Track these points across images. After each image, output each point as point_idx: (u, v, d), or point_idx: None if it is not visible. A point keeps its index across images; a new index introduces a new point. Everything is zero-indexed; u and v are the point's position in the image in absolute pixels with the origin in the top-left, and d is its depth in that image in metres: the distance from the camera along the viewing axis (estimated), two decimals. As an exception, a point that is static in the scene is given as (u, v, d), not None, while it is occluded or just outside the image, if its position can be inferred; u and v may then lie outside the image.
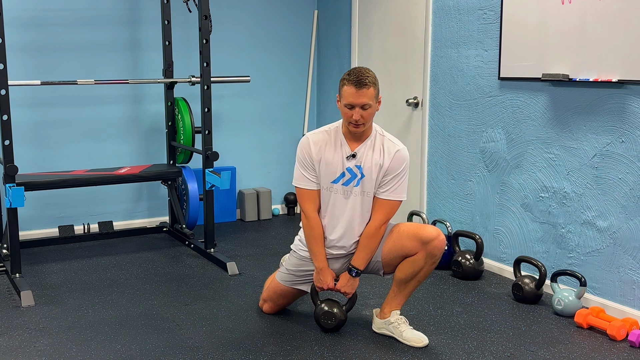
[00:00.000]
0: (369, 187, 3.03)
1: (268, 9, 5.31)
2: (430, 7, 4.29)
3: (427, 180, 4.47)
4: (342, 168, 3.03)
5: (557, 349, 2.98)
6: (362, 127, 2.95)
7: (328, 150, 3.03)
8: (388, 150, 3.03)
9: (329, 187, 3.05)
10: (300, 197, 3.11)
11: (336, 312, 3.09)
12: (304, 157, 3.06)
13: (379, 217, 3.02)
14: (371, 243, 3.03)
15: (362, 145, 3.03)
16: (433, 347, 2.99)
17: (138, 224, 5.01)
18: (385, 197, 3.02)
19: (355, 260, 3.05)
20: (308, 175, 3.07)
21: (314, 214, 3.07)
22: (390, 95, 4.79)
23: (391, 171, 3.01)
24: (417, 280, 3.03)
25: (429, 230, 2.96)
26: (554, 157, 3.60)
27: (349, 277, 3.06)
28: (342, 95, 2.94)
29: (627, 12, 3.15)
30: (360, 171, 3.01)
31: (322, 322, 3.11)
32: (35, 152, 4.60)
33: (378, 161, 3.01)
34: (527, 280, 3.53)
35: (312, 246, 3.08)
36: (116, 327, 3.20)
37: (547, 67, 3.56)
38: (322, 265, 3.07)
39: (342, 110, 2.96)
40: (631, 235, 3.26)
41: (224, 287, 3.79)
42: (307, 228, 3.08)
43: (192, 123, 4.56)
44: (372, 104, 2.93)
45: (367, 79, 2.89)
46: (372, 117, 2.98)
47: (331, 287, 3.10)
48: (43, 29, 4.55)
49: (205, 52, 4.15)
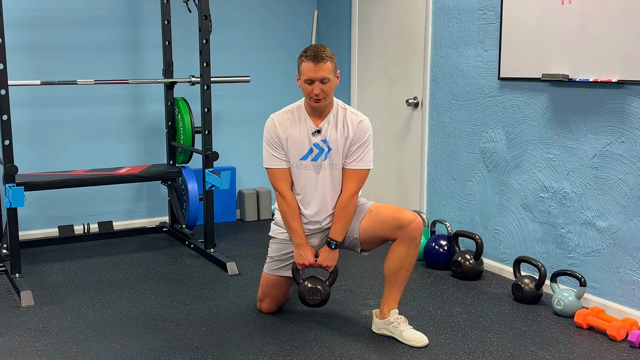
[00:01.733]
0: (336, 159, 3.13)
1: (268, 9, 5.31)
2: (430, 7, 4.29)
3: (427, 180, 4.47)
4: (309, 144, 3.12)
5: (557, 349, 2.98)
6: (323, 101, 3.05)
7: (293, 129, 3.13)
8: (351, 121, 3.12)
9: (298, 165, 3.14)
10: (272, 177, 3.19)
11: (320, 288, 3.12)
12: (271, 137, 3.15)
13: (350, 186, 3.12)
14: (345, 214, 3.11)
15: (325, 120, 3.12)
16: (433, 347, 2.99)
17: (138, 224, 5.01)
18: (354, 167, 3.13)
19: (333, 232, 3.13)
20: (277, 155, 3.15)
21: (287, 191, 3.16)
22: (390, 95, 4.79)
23: (356, 141, 3.11)
24: (406, 270, 3.05)
25: (406, 214, 3.03)
26: (553, 157, 3.61)
27: (329, 250, 3.14)
28: (301, 72, 3.04)
29: (627, 12, 3.15)
30: (327, 145, 3.11)
31: (307, 299, 3.13)
32: (35, 152, 4.60)
33: (343, 133, 3.11)
34: (527, 280, 3.53)
35: (289, 223, 3.15)
36: (116, 327, 3.21)
37: (547, 67, 3.56)
38: (301, 241, 3.14)
39: (302, 87, 3.06)
40: (631, 236, 3.26)
41: (224, 287, 3.79)
42: (283, 206, 3.16)
43: (192, 123, 4.56)
44: (331, 78, 3.02)
45: (324, 53, 2.99)
46: (332, 91, 3.07)
47: (312, 263, 3.15)
48: (43, 29, 4.56)
49: (205, 52, 4.15)
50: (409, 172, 4.66)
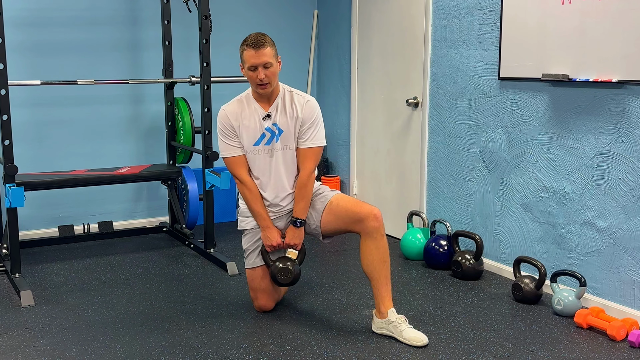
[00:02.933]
0: (289, 140, 3.25)
1: (268, 8, 5.31)
2: (430, 7, 4.29)
3: (427, 180, 4.47)
4: (261, 129, 3.24)
5: (557, 349, 2.98)
6: (269, 87, 3.17)
7: (244, 117, 3.25)
8: (299, 102, 3.26)
9: (252, 150, 3.26)
10: (230, 165, 3.31)
11: (290, 267, 3.21)
12: (224, 127, 3.27)
13: (307, 165, 3.26)
14: (306, 191, 3.24)
15: (274, 105, 3.25)
16: (433, 347, 2.99)
17: (138, 224, 5.01)
18: (307, 145, 3.26)
19: (296, 211, 3.25)
20: (232, 143, 3.27)
21: (247, 177, 3.29)
22: (390, 95, 4.79)
23: (306, 120, 3.24)
24: (382, 261, 3.09)
25: (364, 207, 3.13)
26: (553, 157, 3.61)
27: (294, 228, 3.25)
28: (244, 61, 3.16)
29: (627, 12, 3.15)
30: (278, 128, 3.24)
31: (279, 279, 3.21)
32: (35, 152, 4.60)
33: (292, 115, 3.24)
34: (527, 280, 3.53)
35: (253, 208, 3.27)
36: (116, 327, 3.21)
37: (547, 67, 3.56)
38: (266, 223, 3.26)
39: (247, 76, 3.18)
40: (631, 236, 3.26)
41: (224, 287, 3.79)
42: (245, 191, 3.28)
43: (192, 123, 4.56)
44: (273, 62, 3.14)
45: (264, 39, 3.13)
46: (276, 76, 3.19)
47: (279, 243, 3.26)
48: (43, 29, 4.56)
49: (205, 52, 4.15)
50: (409, 172, 4.66)
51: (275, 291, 3.41)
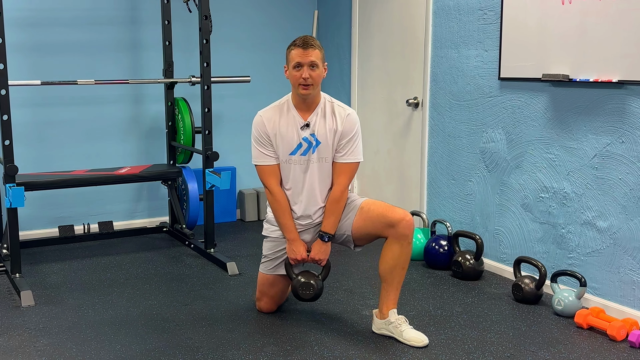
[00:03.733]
0: (325, 153, 3.14)
1: (268, 9, 5.31)
2: (431, 8, 4.29)
3: (427, 180, 4.47)
4: (298, 139, 3.12)
5: (557, 350, 2.98)
6: (312, 88, 3.05)
7: (282, 124, 3.14)
8: (339, 115, 3.13)
9: (288, 160, 3.15)
10: (261, 174, 3.21)
11: (313, 282, 3.14)
12: (259, 134, 3.16)
13: (342, 180, 3.14)
14: (338, 207, 3.13)
15: (313, 114, 3.13)
16: (433, 347, 2.99)
17: (138, 224, 5.01)
18: (344, 160, 3.14)
19: (325, 225, 3.14)
20: (266, 152, 3.17)
21: (277, 188, 3.18)
22: (390, 95, 4.79)
23: (345, 135, 3.12)
24: (401, 267, 3.05)
25: (396, 212, 3.04)
26: (554, 157, 3.60)
27: (321, 243, 3.15)
28: (289, 60, 3.09)
29: (627, 12, 3.15)
30: (315, 139, 3.12)
31: (300, 294, 3.15)
32: (35, 152, 4.60)
33: (332, 127, 3.12)
34: (527, 280, 3.53)
35: (281, 219, 3.17)
36: (116, 327, 3.21)
37: (547, 67, 3.56)
38: (293, 236, 3.16)
39: (291, 75, 3.09)
40: (631, 236, 3.26)
41: (224, 287, 3.79)
42: (274, 203, 3.18)
43: (192, 123, 4.56)
44: (320, 65, 3.06)
45: (313, 41, 3.07)
46: (320, 80, 3.09)
47: (304, 257, 3.16)
48: (43, 29, 4.56)
49: (205, 52, 4.15)
50: (409, 172, 4.66)
51: (280, 297, 3.39)
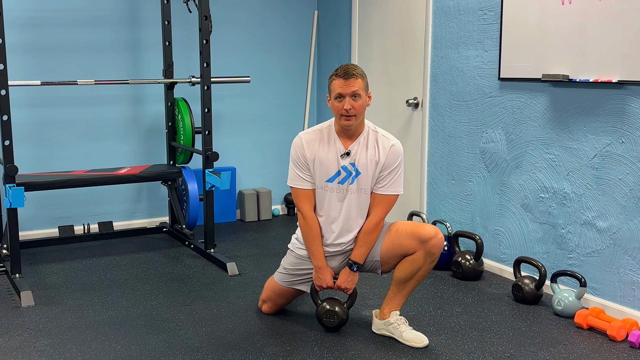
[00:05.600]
0: (365, 184, 3.04)
1: (268, 9, 5.31)
2: (430, 8, 4.29)
3: (427, 180, 4.47)
4: (337, 167, 3.04)
5: (557, 350, 2.98)
6: (354, 119, 2.95)
7: (322, 149, 3.05)
8: (383, 145, 3.04)
9: (324, 186, 3.06)
10: (296, 197, 3.13)
11: (338, 311, 3.10)
12: (297, 157, 3.08)
13: (379, 212, 3.05)
14: (371, 238, 3.05)
15: (355, 143, 3.04)
16: (433, 348, 2.99)
17: (138, 224, 5.01)
18: (384, 192, 3.04)
19: (356, 255, 3.06)
20: (303, 175, 3.08)
21: (310, 213, 3.09)
22: (390, 95, 4.79)
23: (387, 166, 3.02)
24: (417, 280, 3.03)
25: (427, 229, 2.97)
26: (554, 157, 3.61)
27: (349, 272, 3.08)
28: (331, 90, 2.98)
29: (627, 12, 3.15)
30: (355, 169, 3.03)
31: (324, 321, 3.11)
32: (35, 152, 4.60)
33: (373, 157, 3.02)
34: (527, 280, 3.53)
35: (310, 245, 3.10)
36: (116, 327, 3.21)
37: (547, 67, 3.56)
38: (321, 263, 3.08)
39: (333, 106, 2.98)
40: (631, 236, 3.26)
41: (224, 287, 3.79)
42: (305, 227, 3.10)
43: (192, 123, 4.56)
44: (362, 95, 2.95)
45: (355, 70, 2.95)
46: (363, 110, 2.99)
47: (330, 285, 3.10)
48: (43, 29, 4.56)
49: (205, 53, 4.15)
50: (409, 172, 4.66)
51: (285, 306, 3.38)
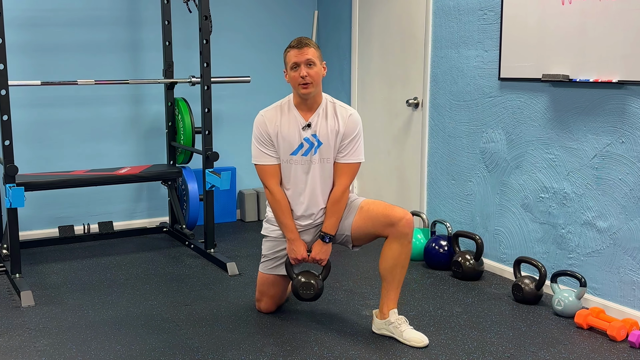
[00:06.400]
0: (327, 153, 3.13)
1: (268, 9, 5.31)
2: (431, 8, 4.29)
3: (427, 180, 4.47)
4: (299, 139, 3.12)
5: (557, 350, 2.98)
6: (311, 87, 3.04)
7: (283, 124, 3.13)
8: (341, 115, 3.13)
9: (289, 160, 3.15)
10: (261, 173, 3.22)
11: (313, 282, 3.15)
12: (260, 134, 3.16)
13: (343, 181, 3.14)
14: (339, 207, 3.14)
15: (315, 114, 3.13)
16: (433, 348, 2.99)
17: (138, 224, 5.01)
18: (346, 160, 3.14)
19: (326, 226, 3.15)
20: (267, 151, 3.17)
21: (277, 187, 3.19)
22: (390, 95, 4.79)
23: (347, 135, 3.12)
24: (401, 266, 3.06)
25: (396, 211, 3.04)
26: (554, 157, 3.61)
27: (322, 243, 3.16)
28: (287, 62, 3.09)
29: (627, 12, 3.15)
30: (317, 139, 3.12)
31: (301, 294, 3.16)
32: (35, 152, 4.60)
33: (333, 127, 3.11)
34: (527, 280, 3.53)
35: (281, 219, 3.18)
36: (116, 327, 3.21)
37: (547, 67, 3.56)
38: (293, 236, 3.16)
39: (290, 77, 3.09)
40: (631, 236, 3.26)
41: (224, 287, 3.79)
42: (274, 203, 3.18)
43: (192, 123, 4.56)
44: (317, 63, 3.06)
45: (308, 40, 3.10)
46: (320, 79, 3.09)
47: (305, 257, 3.17)
48: (43, 29, 4.56)
49: (205, 53, 4.15)
50: (409, 172, 4.66)
51: (280, 298, 3.39)
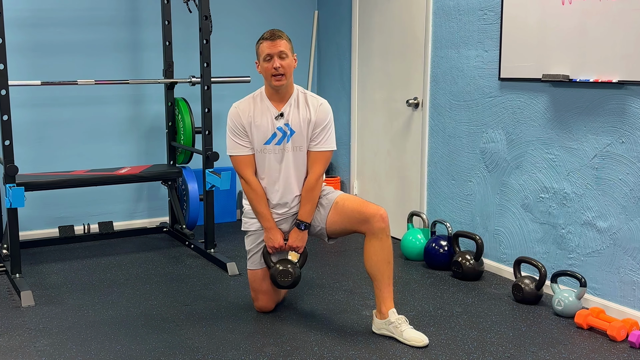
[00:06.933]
0: (300, 142, 3.22)
1: (268, 9, 5.31)
2: (431, 8, 4.29)
3: (427, 180, 4.47)
4: (272, 129, 3.20)
5: (557, 350, 2.98)
6: (284, 78, 3.13)
7: (256, 115, 3.21)
8: (312, 104, 3.23)
9: (263, 149, 3.23)
10: (236, 164, 3.28)
11: (291, 270, 3.19)
12: (234, 125, 3.24)
13: (316, 169, 3.23)
14: (313, 195, 3.22)
15: (287, 104, 3.22)
16: (433, 348, 2.99)
17: (138, 224, 5.01)
18: (318, 149, 3.23)
19: (302, 214, 3.23)
20: (241, 142, 3.23)
21: (252, 177, 3.26)
22: (390, 95, 4.79)
23: (319, 124, 3.21)
24: (386, 262, 3.08)
25: (370, 208, 3.10)
26: (554, 157, 3.61)
27: (298, 231, 3.23)
28: (259, 53, 3.17)
29: (627, 12, 3.15)
30: (290, 128, 3.20)
31: (279, 281, 3.20)
32: (35, 152, 4.60)
33: (305, 116, 3.21)
34: (527, 280, 3.53)
35: (257, 209, 3.25)
36: (116, 327, 3.21)
37: (548, 67, 3.56)
38: (270, 224, 3.24)
39: (263, 68, 3.16)
40: (631, 236, 3.26)
41: (224, 287, 3.79)
42: (250, 192, 3.25)
43: (192, 123, 4.56)
44: (289, 55, 3.15)
45: (280, 33, 3.16)
46: (291, 70, 3.17)
47: (282, 245, 3.24)
48: (43, 29, 4.56)
49: (205, 53, 4.15)
50: (409, 172, 4.66)
51: (275, 293, 3.40)
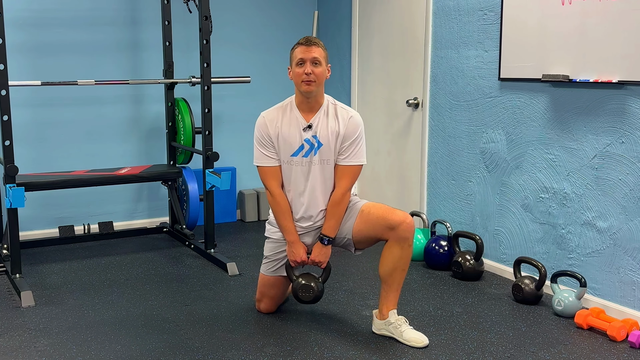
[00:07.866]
0: (327, 155, 3.12)
1: (268, 9, 5.31)
2: (431, 8, 4.29)
3: (428, 180, 4.47)
4: (300, 140, 3.11)
5: (557, 350, 2.98)
6: (314, 85, 3.03)
7: (284, 126, 3.13)
8: (342, 117, 3.12)
9: (289, 161, 3.14)
10: (263, 175, 3.21)
11: (313, 285, 3.14)
12: (261, 136, 3.16)
13: (344, 183, 3.12)
14: (339, 210, 3.12)
15: (316, 116, 3.12)
16: (433, 348, 2.99)
17: (138, 225, 5.01)
18: (347, 163, 3.12)
19: (326, 229, 3.13)
20: (268, 153, 3.16)
21: (278, 190, 3.17)
22: (390, 96, 4.79)
23: (348, 137, 3.10)
24: (401, 270, 3.05)
25: (397, 215, 3.02)
26: (554, 157, 3.61)
27: (321, 246, 3.14)
28: (293, 58, 3.08)
29: (627, 12, 3.15)
30: (317, 140, 3.11)
31: (300, 296, 3.15)
32: (35, 153, 4.60)
33: (334, 129, 3.10)
34: (527, 281, 3.53)
35: (281, 221, 3.17)
36: (116, 327, 3.21)
37: (548, 67, 3.56)
38: (293, 238, 3.15)
39: (294, 74, 3.07)
40: (631, 236, 3.26)
41: (224, 287, 3.79)
42: (274, 205, 3.18)
43: (193, 123, 4.56)
44: (322, 63, 3.05)
45: (316, 40, 3.08)
46: (323, 79, 3.07)
47: (304, 260, 3.16)
48: (43, 29, 4.56)
49: (205, 53, 4.15)
50: (409, 172, 4.66)
51: (280, 299, 3.39)
